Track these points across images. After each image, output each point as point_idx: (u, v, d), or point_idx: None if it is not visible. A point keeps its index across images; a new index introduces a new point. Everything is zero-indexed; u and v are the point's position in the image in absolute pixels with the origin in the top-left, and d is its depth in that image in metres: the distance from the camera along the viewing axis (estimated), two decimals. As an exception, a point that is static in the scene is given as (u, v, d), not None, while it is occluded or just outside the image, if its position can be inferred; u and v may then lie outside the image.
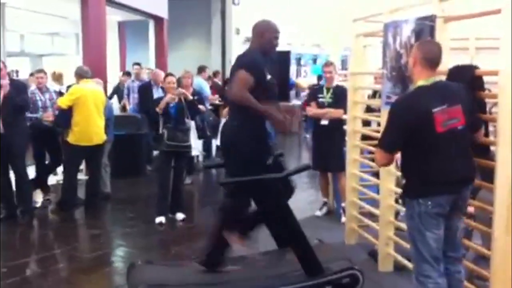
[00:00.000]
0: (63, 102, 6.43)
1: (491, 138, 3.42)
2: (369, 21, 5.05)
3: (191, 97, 6.38)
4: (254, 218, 4.06)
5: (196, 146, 6.78)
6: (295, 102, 14.76)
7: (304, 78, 16.92)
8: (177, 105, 6.16)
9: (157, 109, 6.08)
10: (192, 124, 6.59)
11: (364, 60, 5.65)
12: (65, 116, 6.40)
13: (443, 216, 3.06)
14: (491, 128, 3.51)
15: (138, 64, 10.15)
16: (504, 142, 3.10)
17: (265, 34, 4.11)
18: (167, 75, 6.57)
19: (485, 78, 3.46)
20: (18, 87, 6.22)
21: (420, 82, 3.13)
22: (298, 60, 17.72)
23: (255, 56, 4.04)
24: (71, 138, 6.42)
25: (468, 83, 3.25)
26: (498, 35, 3.13)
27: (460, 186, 3.09)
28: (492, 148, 3.41)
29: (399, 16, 4.28)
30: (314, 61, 17.69)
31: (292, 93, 15.57)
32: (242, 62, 3.99)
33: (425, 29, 3.79)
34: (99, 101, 6.62)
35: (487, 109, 3.66)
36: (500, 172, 3.12)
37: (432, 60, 3.11)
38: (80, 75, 6.64)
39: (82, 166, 7.33)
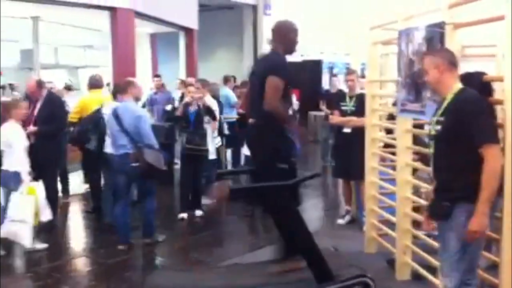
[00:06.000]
0: (71, 117, 6.69)
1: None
2: (385, 29, 5.04)
3: (208, 103, 6.94)
4: None
5: (212, 150, 7.27)
6: (327, 111, 14.72)
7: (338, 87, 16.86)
8: (196, 111, 6.69)
9: (177, 113, 6.73)
10: (209, 130, 7.00)
11: (386, 68, 5.65)
12: (80, 133, 6.51)
13: None
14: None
15: (158, 76, 10.25)
16: (510, 148, 3.05)
17: (289, 34, 4.16)
18: (188, 85, 6.97)
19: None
20: (55, 102, 6.44)
21: (459, 85, 3.11)
22: (331, 69, 17.67)
23: (283, 59, 4.09)
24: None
25: (477, 90, 3.23)
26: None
27: None
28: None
29: (414, 23, 4.28)
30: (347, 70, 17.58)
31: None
32: (273, 67, 3.99)
33: (435, 36, 3.78)
34: None
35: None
36: (507, 178, 3.07)
37: (456, 63, 3.12)
38: (89, 85, 6.88)
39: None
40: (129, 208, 5.71)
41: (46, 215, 5.61)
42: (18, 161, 5.39)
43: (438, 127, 3.13)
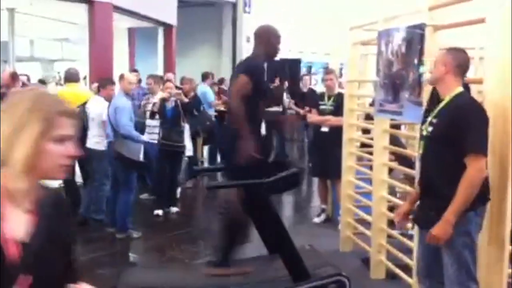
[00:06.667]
0: None
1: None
2: (366, 30, 5.06)
3: (186, 100, 6.90)
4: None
5: (189, 147, 7.32)
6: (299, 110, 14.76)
7: (314, 86, 16.92)
8: (174, 108, 6.64)
9: (153, 108, 6.72)
10: (186, 126, 6.99)
11: (365, 68, 5.66)
12: None
13: None
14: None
15: (136, 71, 10.11)
16: (492, 149, 3.06)
17: (270, 39, 4.15)
18: (165, 81, 6.97)
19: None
20: None
21: (460, 89, 3.01)
22: (309, 69, 17.70)
23: (260, 63, 4.09)
24: None
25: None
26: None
27: None
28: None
29: (394, 24, 4.30)
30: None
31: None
32: (246, 67, 4.07)
33: (415, 37, 3.80)
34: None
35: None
36: (492, 178, 3.06)
37: (466, 69, 3.07)
38: (65, 78, 6.79)
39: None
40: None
41: None
42: None
43: (431, 129, 3.03)
